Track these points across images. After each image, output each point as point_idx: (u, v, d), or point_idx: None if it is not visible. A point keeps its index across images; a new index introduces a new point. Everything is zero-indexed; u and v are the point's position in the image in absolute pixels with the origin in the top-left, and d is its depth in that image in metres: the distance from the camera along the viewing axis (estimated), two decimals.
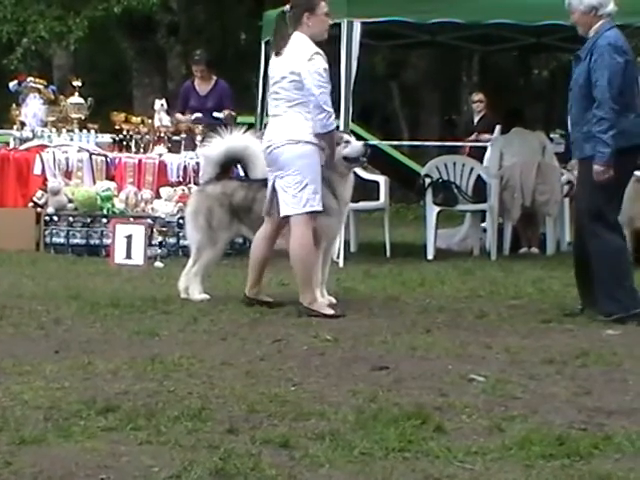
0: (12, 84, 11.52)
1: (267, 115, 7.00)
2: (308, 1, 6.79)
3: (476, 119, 14.39)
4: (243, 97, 6.86)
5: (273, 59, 6.89)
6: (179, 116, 11.45)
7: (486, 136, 14.10)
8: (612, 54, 6.47)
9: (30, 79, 11.58)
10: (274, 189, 6.79)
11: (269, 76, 6.91)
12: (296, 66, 6.66)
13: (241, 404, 4.26)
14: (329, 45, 10.62)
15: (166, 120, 11.08)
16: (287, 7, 6.90)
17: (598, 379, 4.85)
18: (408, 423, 3.97)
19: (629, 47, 6.65)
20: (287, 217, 6.75)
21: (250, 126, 7.20)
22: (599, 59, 6.48)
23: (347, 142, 7.08)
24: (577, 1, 6.72)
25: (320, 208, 6.75)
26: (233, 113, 11.42)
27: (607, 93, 6.39)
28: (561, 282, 8.34)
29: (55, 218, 10.24)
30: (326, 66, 6.73)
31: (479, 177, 10.80)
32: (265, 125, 7.58)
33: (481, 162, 11.43)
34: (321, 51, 6.74)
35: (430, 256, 10.21)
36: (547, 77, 26.05)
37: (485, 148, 13.44)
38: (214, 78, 11.67)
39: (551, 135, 12.35)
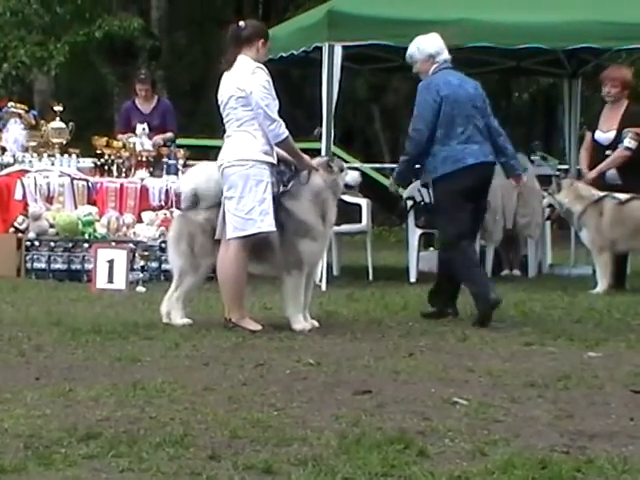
0: None
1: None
2: (266, 31, 7.15)
3: None
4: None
5: (223, 76, 7.00)
6: (121, 136, 11.45)
7: None
8: (423, 93, 7.41)
9: (11, 104, 11.57)
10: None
11: (218, 95, 7.00)
12: (241, 82, 6.83)
13: (223, 430, 4.24)
14: (311, 68, 10.73)
15: (148, 144, 11.08)
16: (242, 23, 7.05)
17: (580, 402, 4.85)
18: (391, 447, 3.97)
19: (452, 87, 7.37)
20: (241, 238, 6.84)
21: None
22: (417, 98, 7.47)
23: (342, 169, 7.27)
24: (417, 52, 7.55)
25: (271, 229, 6.79)
26: (171, 134, 11.50)
27: (411, 125, 7.41)
28: (543, 304, 8.38)
29: (36, 243, 10.21)
30: (269, 78, 6.89)
31: None
32: None
33: None
34: (263, 66, 6.93)
35: (413, 279, 10.23)
36: (527, 100, 26.18)
37: None
38: (156, 97, 11.78)
39: (532, 157, 12.40)
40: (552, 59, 11.66)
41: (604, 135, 9.65)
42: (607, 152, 9.60)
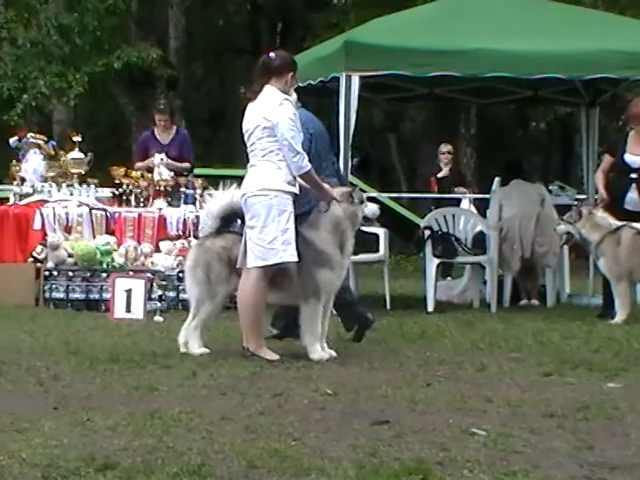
0: (12, 140, 11.59)
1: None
2: (295, 63, 7.16)
3: (445, 170, 14.54)
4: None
5: (249, 106, 7.02)
6: (139, 164, 11.47)
7: (462, 189, 14.32)
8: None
9: (30, 135, 11.64)
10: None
11: (243, 124, 7.02)
12: (268, 112, 6.85)
13: (241, 459, 4.23)
14: (329, 98, 10.78)
15: (166, 174, 11.13)
16: (273, 55, 7.06)
17: (600, 433, 4.82)
18: (409, 478, 3.95)
19: (316, 123, 7.74)
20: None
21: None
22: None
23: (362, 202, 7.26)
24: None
25: (293, 259, 6.80)
26: (188, 165, 11.53)
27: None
28: (561, 334, 8.34)
29: (55, 273, 10.24)
30: (295, 111, 6.92)
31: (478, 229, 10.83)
32: None
33: None
34: (290, 97, 6.96)
35: (430, 308, 10.20)
36: (544, 129, 26.21)
37: (460, 200, 13.70)
38: (174, 127, 11.85)
39: (550, 187, 12.38)
40: (569, 88, 11.66)
41: (636, 158, 9.66)
42: (632, 175, 9.62)
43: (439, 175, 14.56)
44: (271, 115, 6.83)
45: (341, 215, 7.06)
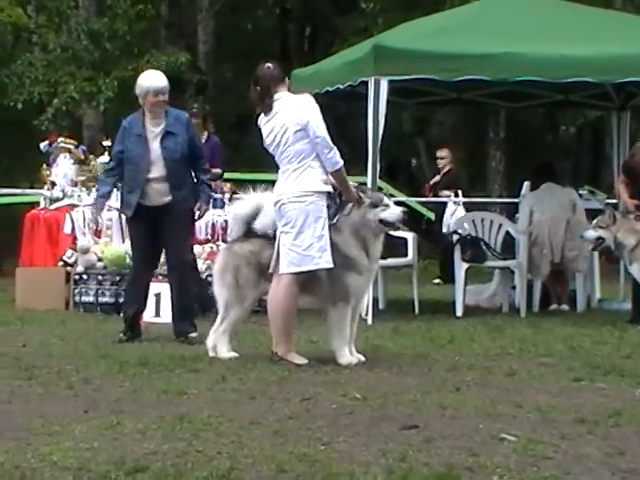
0: (43, 145, 11.69)
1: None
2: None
3: (438, 176, 14.89)
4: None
5: (264, 119, 6.97)
6: None
7: (446, 192, 14.55)
8: (192, 124, 8.49)
9: (61, 139, 11.73)
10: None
11: (267, 136, 6.99)
12: (296, 115, 6.83)
13: (270, 464, 4.23)
14: (357, 102, 10.78)
15: None
16: (270, 65, 7.03)
17: (631, 439, 4.78)
18: None
19: None
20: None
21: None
22: (193, 130, 8.40)
23: (386, 205, 7.11)
24: (167, 85, 8.39)
25: (328, 265, 6.78)
26: (219, 170, 11.50)
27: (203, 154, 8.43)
28: (592, 339, 8.29)
29: (84, 277, 10.30)
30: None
31: (508, 233, 10.78)
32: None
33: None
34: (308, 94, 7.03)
35: (459, 313, 10.17)
36: (574, 133, 26.05)
37: (445, 204, 13.91)
38: (206, 132, 11.86)
39: (580, 191, 12.31)
40: (600, 92, 11.59)
41: None
42: None
43: (432, 181, 14.94)
44: (300, 116, 6.82)
45: (357, 218, 7.02)
